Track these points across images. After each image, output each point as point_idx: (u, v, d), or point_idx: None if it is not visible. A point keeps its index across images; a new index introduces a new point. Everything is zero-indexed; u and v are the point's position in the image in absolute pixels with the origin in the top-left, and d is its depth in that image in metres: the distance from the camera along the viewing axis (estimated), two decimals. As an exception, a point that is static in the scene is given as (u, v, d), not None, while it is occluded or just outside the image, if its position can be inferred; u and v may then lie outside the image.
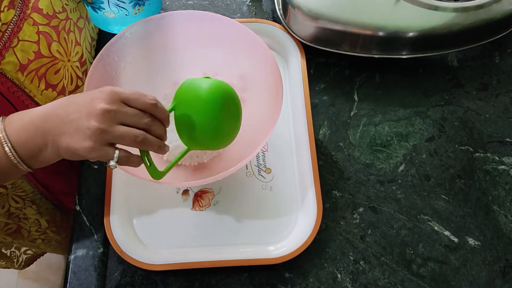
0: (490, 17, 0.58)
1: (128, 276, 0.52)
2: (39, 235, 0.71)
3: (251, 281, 0.51)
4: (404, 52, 0.61)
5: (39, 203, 0.64)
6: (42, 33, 0.50)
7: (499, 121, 0.61)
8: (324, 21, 0.58)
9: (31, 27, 0.48)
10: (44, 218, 0.67)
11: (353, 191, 0.56)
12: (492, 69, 0.65)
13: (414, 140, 0.59)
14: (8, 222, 0.63)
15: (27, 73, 0.49)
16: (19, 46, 0.47)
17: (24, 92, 0.50)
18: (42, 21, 0.50)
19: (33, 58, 0.49)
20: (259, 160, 0.57)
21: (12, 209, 0.61)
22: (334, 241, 0.53)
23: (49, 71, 0.52)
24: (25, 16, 0.47)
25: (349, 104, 0.62)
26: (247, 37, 0.52)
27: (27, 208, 0.63)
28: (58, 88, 0.54)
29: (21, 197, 0.60)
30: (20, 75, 0.48)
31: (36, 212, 0.65)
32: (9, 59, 0.46)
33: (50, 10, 0.51)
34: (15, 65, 0.47)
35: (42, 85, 0.51)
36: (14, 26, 0.46)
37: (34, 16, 0.49)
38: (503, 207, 0.55)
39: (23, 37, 0.47)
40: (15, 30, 0.46)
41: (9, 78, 0.47)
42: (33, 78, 0.50)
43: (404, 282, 0.51)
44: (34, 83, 0.50)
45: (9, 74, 0.47)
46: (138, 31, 0.53)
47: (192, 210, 0.54)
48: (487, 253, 0.53)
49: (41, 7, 0.50)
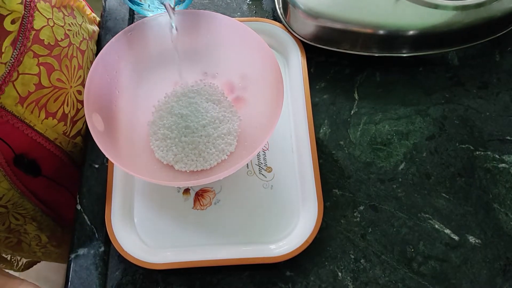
0: (491, 15, 0.58)
1: (129, 275, 0.52)
2: (39, 249, 0.71)
3: (252, 280, 0.51)
4: (405, 51, 0.61)
5: (40, 219, 0.64)
6: (43, 64, 0.48)
7: (500, 119, 0.61)
8: (325, 20, 0.58)
9: (31, 60, 0.47)
10: (45, 233, 0.67)
11: (353, 190, 0.56)
12: (493, 68, 0.65)
13: (415, 138, 0.59)
14: (8, 236, 0.63)
15: (27, 104, 0.48)
16: (19, 80, 0.46)
17: (25, 123, 0.49)
18: (43, 52, 0.48)
19: (33, 90, 0.48)
20: (260, 159, 0.57)
21: (13, 226, 0.61)
22: (335, 240, 0.53)
23: (50, 100, 0.51)
24: (25, 49, 0.46)
25: (349, 102, 0.62)
26: (247, 36, 0.52)
27: (28, 224, 0.63)
28: (58, 116, 0.53)
29: (22, 214, 0.60)
30: (20, 107, 0.47)
31: (36, 228, 0.65)
32: (8, 93, 0.45)
33: (52, 39, 0.49)
34: (14, 98, 0.46)
35: (42, 114, 0.51)
36: (14, 60, 0.44)
37: (35, 48, 0.47)
38: (503, 205, 0.55)
39: (23, 70, 0.46)
40: (15, 64, 0.45)
41: (9, 111, 0.46)
42: (34, 109, 0.49)
43: (405, 280, 0.52)
44: (34, 113, 0.49)
45: (9, 108, 0.46)
46: (138, 30, 0.53)
47: (193, 209, 0.55)
48: (488, 251, 0.53)
49: (42, 37, 0.48)
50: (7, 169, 0.51)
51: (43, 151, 0.54)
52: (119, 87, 0.54)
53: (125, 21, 0.67)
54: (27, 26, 0.46)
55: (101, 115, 0.49)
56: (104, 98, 0.51)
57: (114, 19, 0.67)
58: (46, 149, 0.54)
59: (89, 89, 0.48)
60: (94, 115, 0.48)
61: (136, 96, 0.57)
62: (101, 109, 0.50)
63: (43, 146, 0.53)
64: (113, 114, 0.53)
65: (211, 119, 0.56)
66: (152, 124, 0.57)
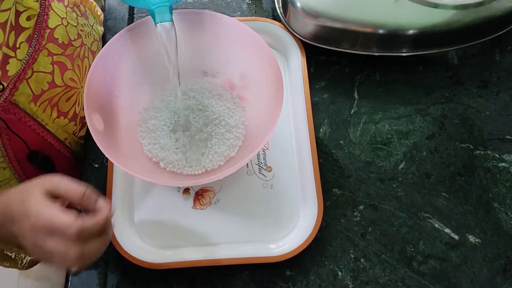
0: (490, 15, 0.58)
1: (129, 275, 0.52)
2: None
3: (252, 279, 0.51)
4: (404, 50, 0.61)
5: None
6: (56, 63, 0.49)
7: (500, 118, 0.61)
8: (324, 19, 0.58)
9: (46, 58, 0.47)
10: None
11: (353, 189, 0.56)
12: (493, 67, 0.65)
13: (415, 137, 0.59)
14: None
15: (40, 103, 0.48)
16: (33, 77, 0.46)
17: (37, 121, 0.49)
18: (57, 51, 0.49)
19: (47, 88, 0.48)
20: (260, 158, 0.57)
21: None
22: (335, 239, 0.53)
23: (62, 99, 0.51)
24: (40, 47, 0.46)
25: (349, 102, 0.62)
26: (247, 35, 0.52)
27: None
28: (69, 115, 0.54)
29: None
30: (32, 105, 0.48)
31: None
32: (22, 91, 0.46)
33: (65, 38, 0.50)
34: (28, 96, 0.46)
35: (54, 113, 0.51)
36: (29, 57, 0.45)
37: (49, 47, 0.48)
38: (503, 204, 0.55)
39: (38, 68, 0.46)
40: (30, 62, 0.45)
41: (22, 108, 0.47)
42: (46, 108, 0.49)
43: (405, 280, 0.52)
44: (46, 112, 0.50)
45: (22, 105, 0.47)
46: (138, 30, 0.53)
47: (193, 209, 0.54)
48: (488, 250, 0.53)
49: (56, 36, 0.49)
50: (17, 167, 0.52)
51: (53, 151, 0.54)
52: (119, 87, 0.54)
53: (124, 21, 0.67)
54: (42, 24, 0.46)
55: (101, 114, 0.49)
56: (104, 98, 0.51)
57: (114, 19, 0.67)
58: (56, 149, 0.55)
59: (89, 89, 0.48)
60: (94, 115, 0.48)
61: (136, 95, 0.57)
62: (101, 108, 0.50)
63: (53, 146, 0.54)
64: (113, 114, 0.53)
65: (214, 116, 0.56)
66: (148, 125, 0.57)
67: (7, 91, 0.44)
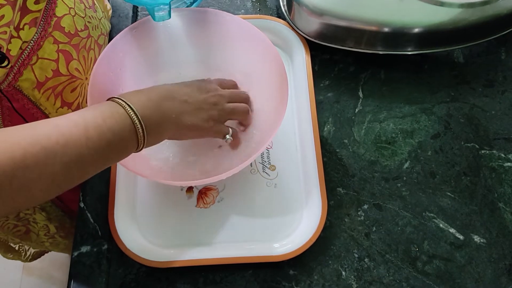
0: (496, 13, 0.58)
1: (132, 273, 0.52)
2: (47, 239, 0.72)
3: (255, 278, 0.51)
4: (410, 48, 0.60)
5: (49, 210, 0.64)
6: (62, 51, 0.49)
7: (505, 118, 0.60)
8: (329, 17, 0.58)
9: (51, 46, 0.47)
10: (53, 224, 0.68)
11: (357, 188, 0.56)
12: (498, 66, 0.64)
13: (419, 137, 0.59)
14: (17, 224, 0.63)
15: (43, 90, 0.48)
16: (38, 64, 0.46)
17: (40, 109, 0.49)
18: (63, 40, 0.49)
19: (51, 76, 0.48)
20: (264, 157, 0.57)
21: (22, 214, 0.61)
22: (339, 238, 0.53)
23: (66, 89, 0.51)
24: (46, 34, 0.46)
25: (354, 100, 0.61)
26: (251, 33, 0.52)
27: (37, 214, 0.63)
28: (74, 106, 0.53)
29: None
30: (36, 93, 0.47)
31: (45, 218, 0.65)
32: (26, 76, 0.45)
33: (72, 28, 0.50)
34: (32, 83, 0.46)
35: (58, 103, 0.51)
36: (35, 43, 0.45)
37: (56, 35, 0.48)
38: (509, 204, 0.55)
39: (43, 55, 0.46)
40: (35, 48, 0.45)
41: (25, 95, 0.47)
42: (50, 96, 0.49)
43: (409, 280, 0.51)
44: (50, 100, 0.50)
45: (26, 91, 0.46)
46: (142, 28, 0.53)
47: (196, 208, 0.54)
48: (493, 250, 0.53)
49: (63, 25, 0.49)
50: None
51: None
52: (123, 85, 0.53)
53: (128, 18, 0.66)
54: (49, 12, 0.46)
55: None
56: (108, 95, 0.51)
57: (118, 16, 0.67)
58: None
59: (93, 86, 0.48)
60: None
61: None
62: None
63: None
64: (117, 112, 0.53)
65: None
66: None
67: (11, 76, 0.44)
